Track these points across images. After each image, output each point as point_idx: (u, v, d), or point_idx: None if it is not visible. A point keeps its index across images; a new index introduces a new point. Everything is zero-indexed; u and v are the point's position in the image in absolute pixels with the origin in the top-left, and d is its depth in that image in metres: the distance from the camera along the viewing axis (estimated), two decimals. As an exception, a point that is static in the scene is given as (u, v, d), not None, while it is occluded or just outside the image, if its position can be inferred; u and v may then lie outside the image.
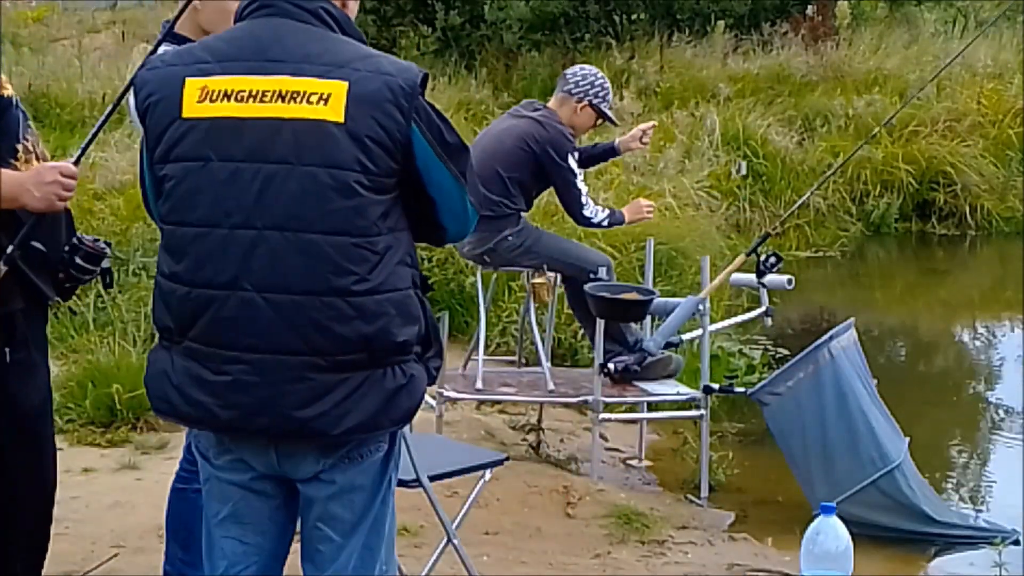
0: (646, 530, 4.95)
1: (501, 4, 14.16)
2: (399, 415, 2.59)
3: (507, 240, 5.67)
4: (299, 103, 2.48)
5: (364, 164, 2.48)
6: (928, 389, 7.86)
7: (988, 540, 4.84)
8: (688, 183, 10.37)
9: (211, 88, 2.51)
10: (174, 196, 2.55)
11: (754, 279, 6.22)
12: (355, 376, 2.51)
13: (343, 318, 2.48)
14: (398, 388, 2.56)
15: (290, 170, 2.48)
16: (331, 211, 2.47)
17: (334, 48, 2.54)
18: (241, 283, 2.50)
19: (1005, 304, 9.99)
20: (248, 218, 2.49)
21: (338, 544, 2.65)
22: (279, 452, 2.60)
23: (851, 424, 5.15)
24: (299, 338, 2.49)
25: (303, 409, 2.50)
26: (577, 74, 5.85)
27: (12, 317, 3.27)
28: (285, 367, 2.50)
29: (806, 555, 3.53)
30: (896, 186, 11.97)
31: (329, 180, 2.47)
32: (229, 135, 2.50)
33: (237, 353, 2.51)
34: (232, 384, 2.52)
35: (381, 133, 2.48)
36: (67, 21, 17.23)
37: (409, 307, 2.56)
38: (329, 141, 2.47)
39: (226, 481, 2.67)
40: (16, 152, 3.26)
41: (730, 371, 7.04)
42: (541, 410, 6.12)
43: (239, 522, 2.69)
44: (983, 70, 13.87)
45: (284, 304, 2.49)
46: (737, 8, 14.60)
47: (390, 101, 2.49)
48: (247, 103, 2.50)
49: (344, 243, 2.48)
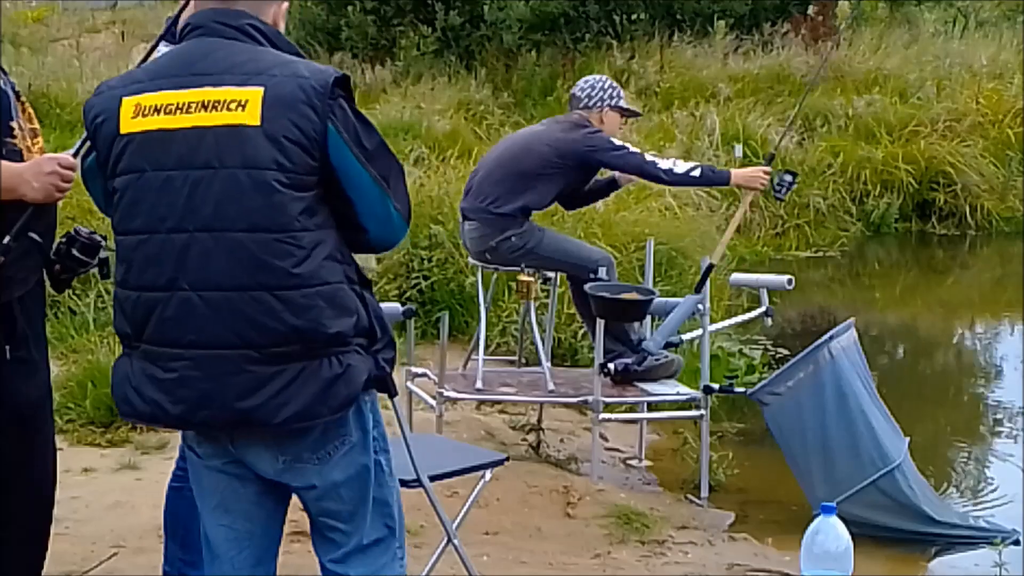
0: (646, 530, 4.95)
1: (501, 4, 14.16)
2: (337, 403, 2.66)
3: (509, 240, 5.67)
4: (220, 111, 2.62)
5: (280, 163, 2.59)
6: (928, 389, 7.86)
7: (988, 540, 4.84)
8: (688, 183, 10.35)
9: (143, 104, 2.67)
10: (120, 207, 2.71)
11: (754, 279, 6.23)
12: (291, 367, 2.62)
13: (272, 312, 2.59)
14: (335, 377, 2.64)
15: (214, 174, 2.61)
16: (251, 209, 2.59)
17: (256, 58, 2.68)
18: (179, 283, 2.63)
19: (1005, 304, 9.99)
20: (180, 222, 2.63)
21: (345, 530, 2.79)
22: (234, 444, 2.73)
23: (851, 424, 5.14)
24: (233, 333, 2.61)
25: (243, 400, 2.62)
26: (584, 88, 5.83)
27: (11, 313, 3.26)
28: (223, 361, 2.62)
29: (806, 555, 3.53)
30: (896, 186, 11.98)
31: (248, 180, 2.60)
32: (160, 146, 2.65)
33: (180, 350, 2.65)
34: (177, 380, 2.66)
35: (296, 132, 2.60)
36: (67, 21, 17.25)
37: (341, 300, 2.65)
38: (247, 143, 2.60)
39: (212, 469, 2.80)
40: (12, 131, 3.26)
41: (730, 371, 7.05)
42: (541, 410, 6.12)
43: (227, 510, 2.82)
44: (983, 70, 13.88)
45: (217, 301, 2.61)
46: (737, 8, 14.60)
47: (303, 102, 2.61)
48: (175, 115, 2.65)
49: (266, 239, 2.59)
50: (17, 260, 3.20)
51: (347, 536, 2.79)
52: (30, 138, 3.33)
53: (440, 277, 7.53)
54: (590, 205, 6.79)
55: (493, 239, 5.69)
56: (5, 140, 3.23)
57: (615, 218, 8.63)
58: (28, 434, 3.37)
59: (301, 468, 2.72)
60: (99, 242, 3.34)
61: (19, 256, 3.20)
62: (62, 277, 3.34)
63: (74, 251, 3.30)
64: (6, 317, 3.26)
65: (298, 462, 2.71)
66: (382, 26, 15.05)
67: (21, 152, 3.26)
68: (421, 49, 14.41)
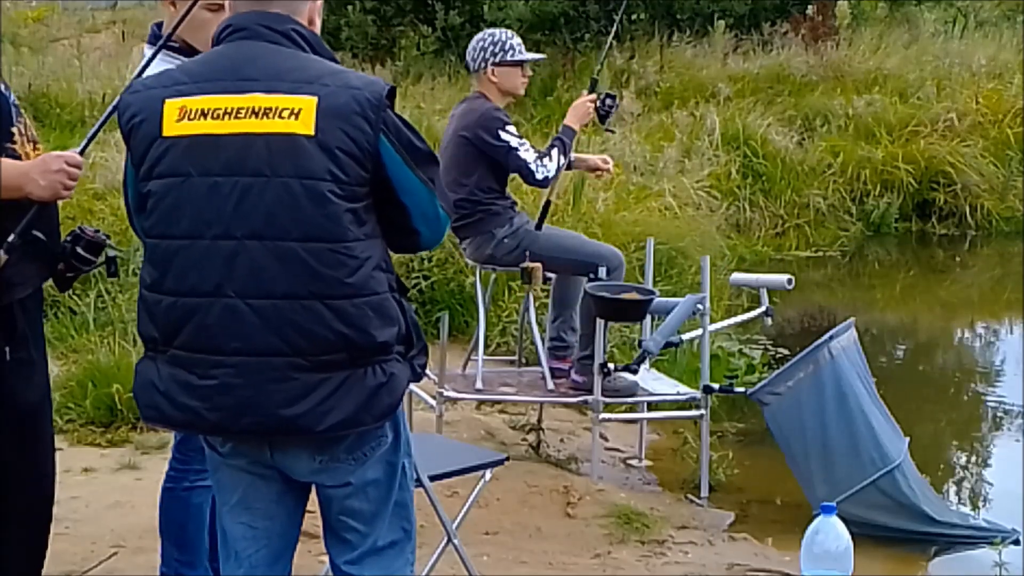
0: (646, 530, 4.95)
1: (501, 4, 14.16)
2: (380, 411, 2.69)
3: (503, 243, 5.65)
4: (271, 118, 2.61)
5: (335, 174, 2.60)
6: (928, 389, 7.86)
7: (988, 540, 4.84)
8: (688, 183, 10.38)
9: (189, 107, 2.65)
10: (158, 211, 2.68)
11: (754, 279, 6.23)
12: (336, 375, 2.64)
13: (322, 320, 2.61)
14: (379, 386, 2.67)
15: (266, 182, 2.60)
16: (305, 219, 2.60)
17: (304, 65, 2.67)
18: (224, 290, 2.63)
19: (1005, 304, 9.99)
20: (228, 229, 2.62)
21: (363, 532, 2.81)
22: (273, 450, 2.74)
23: (851, 424, 5.15)
24: (281, 340, 2.61)
25: (288, 408, 2.63)
26: (472, 45, 5.71)
27: (12, 314, 3.26)
28: (269, 368, 2.62)
29: (806, 555, 3.53)
30: (896, 186, 11.97)
31: (302, 190, 2.59)
32: (207, 151, 2.63)
33: (222, 357, 2.64)
34: (218, 387, 2.64)
35: (350, 144, 2.61)
36: (67, 21, 17.24)
37: (387, 310, 2.68)
38: (301, 153, 2.60)
39: (235, 467, 2.80)
40: (12, 136, 3.25)
41: (730, 371, 7.05)
42: (541, 410, 6.12)
43: (248, 508, 2.82)
44: (982, 70, 13.87)
45: (266, 309, 2.61)
46: (737, 8, 14.59)
47: (358, 113, 2.62)
48: (223, 120, 2.63)
49: (320, 249, 2.60)
50: (21, 262, 3.20)
51: (364, 537, 2.81)
52: (30, 146, 3.32)
53: (440, 277, 7.54)
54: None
55: (488, 247, 5.67)
56: (5, 145, 3.22)
57: (615, 218, 8.63)
58: (28, 435, 3.37)
59: (336, 467, 2.74)
60: (104, 240, 3.34)
61: (23, 258, 3.20)
62: (67, 276, 3.34)
63: (79, 249, 3.29)
64: (7, 318, 3.25)
65: (334, 462, 2.73)
66: (382, 26, 15.04)
67: (20, 158, 3.25)
68: (421, 49, 14.41)
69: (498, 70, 5.67)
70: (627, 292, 5.54)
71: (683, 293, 6.43)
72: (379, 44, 15.11)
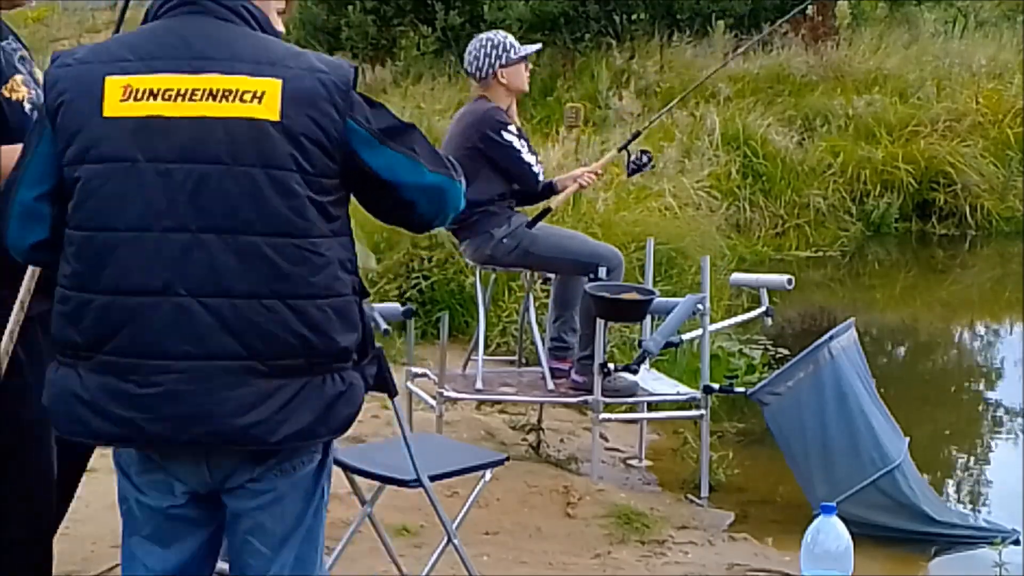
0: (646, 530, 4.95)
1: (501, 4, 14.16)
2: (337, 424, 2.50)
3: (502, 244, 5.65)
4: (232, 101, 2.41)
5: (301, 164, 2.42)
6: (928, 389, 7.86)
7: (988, 540, 4.84)
8: (688, 183, 10.38)
9: (135, 87, 2.42)
10: (93, 199, 2.43)
11: (754, 279, 6.23)
12: (293, 383, 2.44)
13: (284, 323, 2.41)
14: (337, 395, 2.48)
15: (225, 170, 2.40)
16: (270, 212, 2.40)
17: (264, 46, 2.49)
18: (175, 289, 2.40)
19: (1005, 304, 10.00)
20: (181, 221, 2.40)
21: (268, 557, 2.58)
22: (210, 464, 2.51)
23: (851, 424, 5.15)
24: (239, 343, 2.40)
25: (241, 416, 2.41)
26: (470, 61, 5.73)
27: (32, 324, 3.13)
28: (223, 373, 2.41)
29: (806, 555, 3.53)
30: (896, 186, 11.98)
31: (267, 180, 2.40)
32: (157, 135, 2.41)
33: (169, 362, 2.40)
34: (163, 395, 2.41)
35: (317, 132, 2.43)
36: (67, 21, 17.26)
37: (350, 314, 2.50)
38: (265, 140, 2.40)
39: (147, 506, 2.57)
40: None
41: (730, 371, 7.05)
42: (541, 410, 6.12)
43: (159, 542, 2.60)
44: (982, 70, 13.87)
45: (223, 309, 2.40)
46: (737, 8, 14.59)
47: (325, 99, 2.44)
48: (176, 102, 2.41)
49: (285, 244, 2.41)
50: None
51: (268, 563, 2.57)
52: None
53: (440, 277, 7.53)
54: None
55: (487, 247, 5.67)
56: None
57: (615, 218, 8.63)
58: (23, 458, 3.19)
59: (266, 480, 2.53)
60: None
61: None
62: None
63: None
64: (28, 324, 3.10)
65: (266, 475, 2.52)
66: (382, 26, 15.05)
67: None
68: (421, 49, 14.42)
69: (505, 71, 5.69)
70: (627, 292, 5.54)
71: (683, 293, 6.43)
72: (379, 44, 15.12)
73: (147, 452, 2.53)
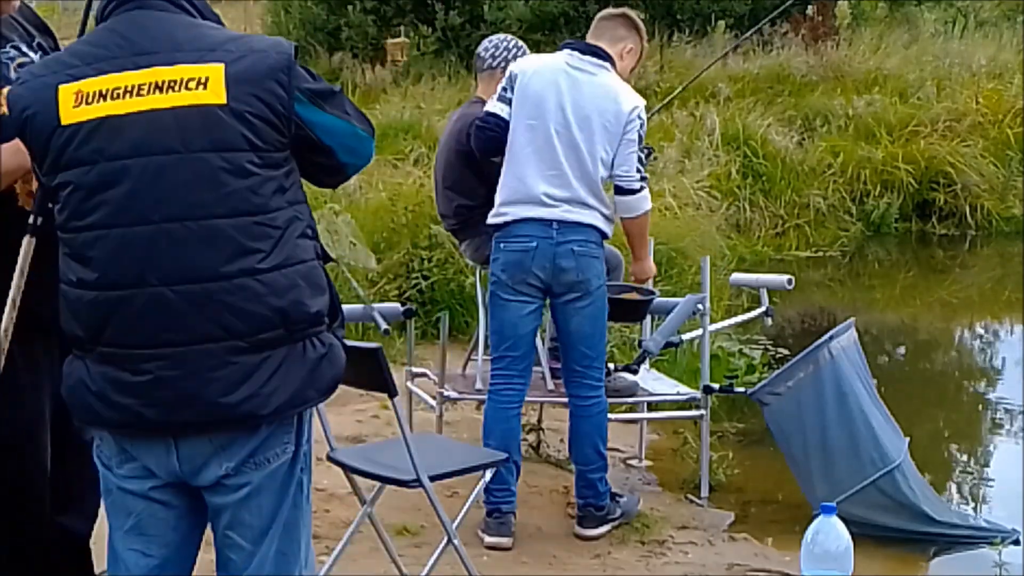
0: (646, 530, 4.95)
1: (501, 4, 14.18)
2: (324, 385, 2.60)
3: (502, 242, 5.64)
4: (178, 91, 2.47)
5: (253, 142, 2.49)
6: (928, 389, 7.86)
7: (988, 540, 4.84)
8: (688, 183, 10.38)
9: (85, 91, 2.50)
10: (71, 203, 2.52)
11: (754, 279, 6.23)
12: (276, 353, 2.52)
13: (256, 297, 2.49)
14: (320, 358, 2.58)
15: (179, 159, 2.47)
16: (228, 193, 2.47)
17: (204, 33, 2.56)
18: (148, 279, 2.48)
19: (1005, 304, 10.00)
20: (144, 213, 2.47)
21: (248, 551, 2.63)
22: (179, 454, 2.57)
23: (851, 424, 5.14)
24: (216, 325, 2.48)
25: (230, 395, 2.50)
26: (488, 48, 5.69)
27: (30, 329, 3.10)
28: (206, 355, 2.49)
29: (806, 555, 3.53)
30: (896, 186, 11.99)
31: (221, 163, 2.47)
32: (112, 134, 2.48)
33: (154, 350, 2.50)
34: (153, 382, 2.50)
35: (264, 109, 2.50)
36: (67, 21, 17.20)
37: (316, 278, 2.59)
38: (215, 124, 2.47)
39: (128, 492, 2.64)
40: None
41: (730, 371, 7.05)
42: (541, 410, 6.11)
43: (142, 534, 2.66)
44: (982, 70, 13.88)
45: (196, 293, 2.48)
46: (737, 8, 14.61)
47: (269, 77, 2.51)
48: (124, 99, 2.48)
49: (246, 223, 2.48)
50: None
51: (249, 557, 2.62)
52: None
53: (440, 277, 7.53)
54: None
55: (487, 247, 5.65)
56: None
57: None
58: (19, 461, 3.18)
59: (240, 474, 2.58)
60: None
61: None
62: None
63: None
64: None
65: (239, 467, 2.57)
66: (382, 26, 15.06)
67: None
68: (421, 49, 14.42)
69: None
70: (627, 292, 5.54)
71: (683, 293, 6.43)
72: (379, 44, 15.12)
73: (121, 444, 2.61)
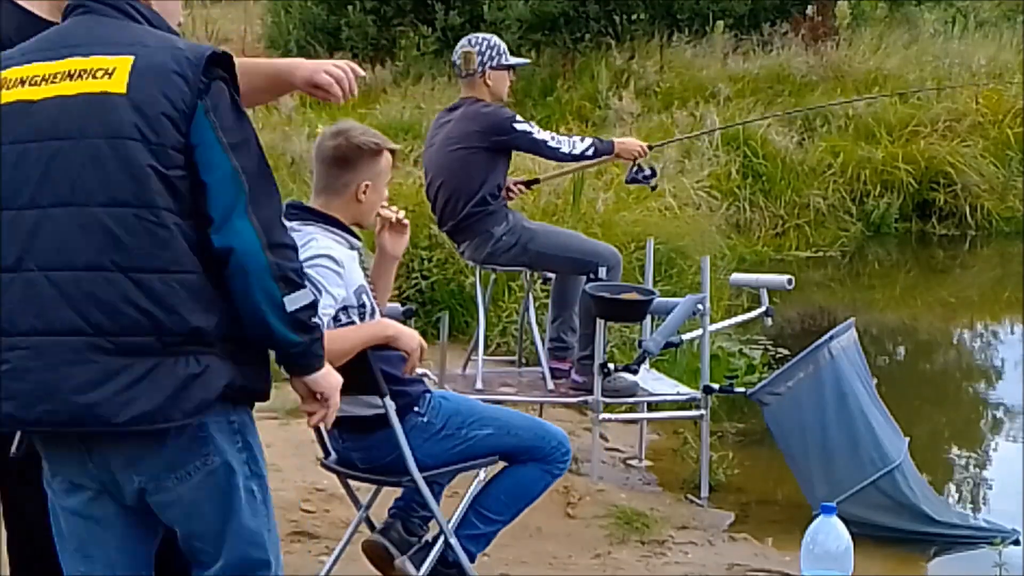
0: (646, 530, 4.95)
1: (501, 4, 14.16)
2: (191, 407, 2.43)
3: (501, 241, 5.64)
4: (85, 79, 2.49)
5: (144, 133, 2.44)
6: (928, 389, 7.86)
7: (988, 540, 4.83)
8: (688, 183, 10.38)
9: (9, 78, 2.54)
10: None
11: (754, 279, 6.23)
12: (143, 362, 2.41)
13: (127, 296, 2.40)
14: (191, 377, 2.43)
15: (74, 144, 2.46)
16: (109, 181, 2.43)
17: (131, 33, 2.57)
18: (26, 264, 2.44)
19: (1005, 304, 9.99)
20: (33, 197, 2.46)
21: (211, 555, 2.60)
22: (92, 458, 2.51)
23: (851, 424, 5.14)
24: (80, 317, 2.40)
25: (84, 394, 2.39)
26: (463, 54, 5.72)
27: None
28: (66, 348, 2.40)
29: (806, 555, 3.53)
30: (896, 186, 11.98)
31: (109, 150, 2.44)
32: (19, 118, 2.51)
33: (16, 338, 2.43)
34: (11, 372, 2.43)
35: (165, 103, 2.45)
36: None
37: (204, 293, 2.46)
38: (110, 111, 2.45)
39: (68, 510, 2.59)
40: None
41: (730, 371, 7.05)
42: (541, 410, 6.11)
43: (86, 556, 2.61)
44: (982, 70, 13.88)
45: (67, 282, 2.41)
46: (737, 8, 14.60)
47: (175, 72, 2.47)
48: (39, 86, 2.51)
49: (125, 214, 2.42)
50: None
51: (214, 557, 2.58)
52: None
53: (440, 277, 7.53)
54: None
55: (487, 246, 5.66)
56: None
57: (615, 218, 8.63)
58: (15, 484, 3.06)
59: (163, 489, 2.52)
60: None
61: None
62: None
63: None
64: None
65: (155, 481, 2.51)
66: (382, 26, 15.05)
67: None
68: (421, 49, 14.41)
69: (493, 74, 5.69)
70: (627, 292, 5.54)
71: (683, 293, 6.43)
72: (379, 44, 15.11)
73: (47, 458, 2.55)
